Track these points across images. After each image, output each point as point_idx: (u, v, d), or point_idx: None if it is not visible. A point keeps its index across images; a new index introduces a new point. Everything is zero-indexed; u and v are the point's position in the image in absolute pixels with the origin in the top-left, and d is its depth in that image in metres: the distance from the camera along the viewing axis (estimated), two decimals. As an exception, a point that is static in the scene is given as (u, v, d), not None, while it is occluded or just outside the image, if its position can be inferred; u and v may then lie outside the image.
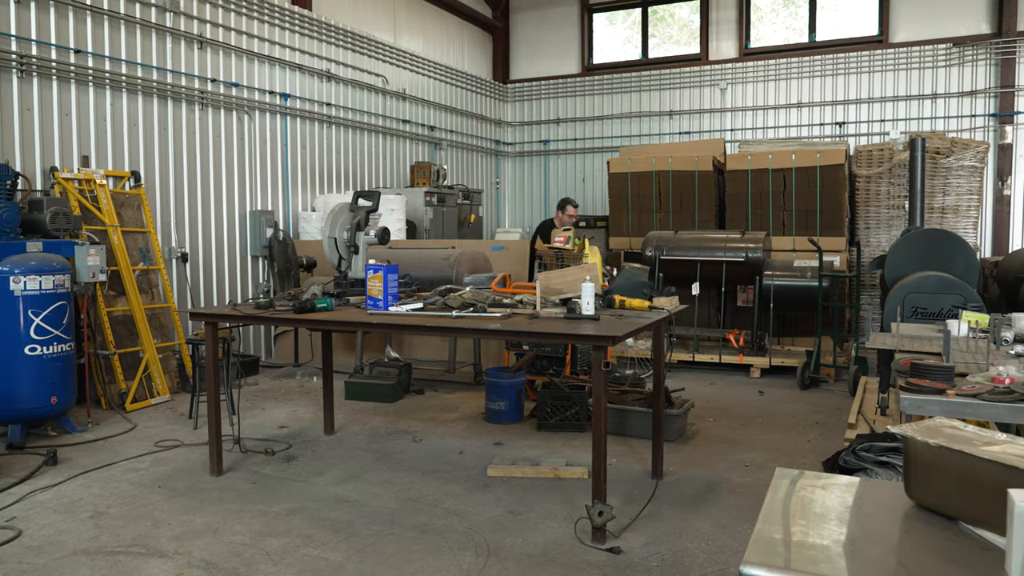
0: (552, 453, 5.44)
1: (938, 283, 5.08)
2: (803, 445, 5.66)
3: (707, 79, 12.84)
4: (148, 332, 7.05)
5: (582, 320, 4.24)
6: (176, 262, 7.93)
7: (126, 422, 6.27)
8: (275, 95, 9.25)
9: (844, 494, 2.03)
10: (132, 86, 7.52)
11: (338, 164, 10.34)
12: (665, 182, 9.79)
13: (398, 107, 11.58)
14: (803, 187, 9.04)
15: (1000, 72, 10.98)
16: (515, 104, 14.55)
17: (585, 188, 13.78)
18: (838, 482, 2.21)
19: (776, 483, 2.05)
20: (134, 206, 7.41)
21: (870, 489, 2.08)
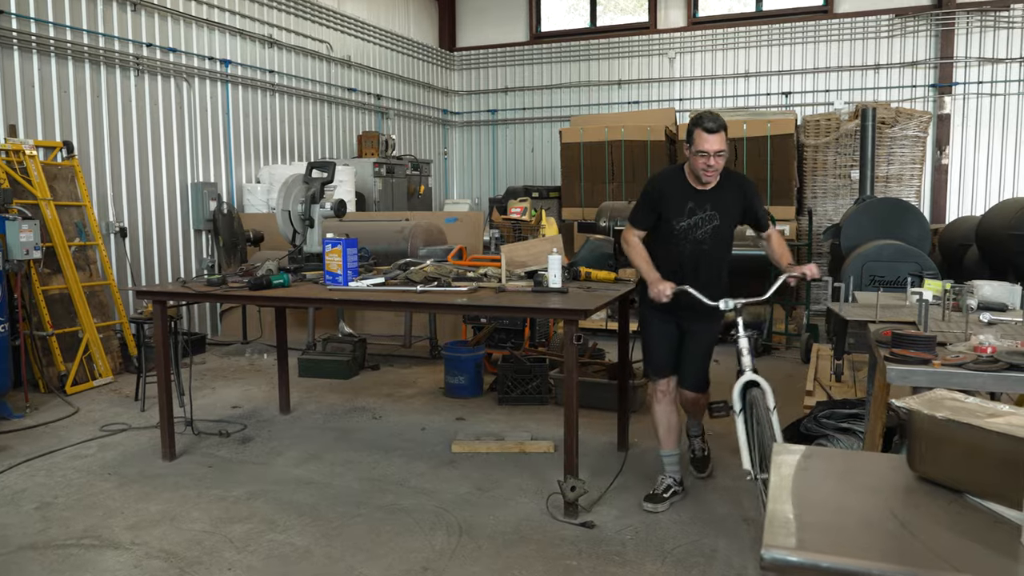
0: (516, 427, 5.38)
1: (895, 251, 5.15)
2: (762, 413, 5.71)
3: (656, 48, 12.80)
4: (87, 311, 6.71)
5: (550, 293, 4.16)
6: (115, 237, 7.56)
7: (67, 406, 5.97)
8: (215, 61, 8.84)
9: (847, 468, 2.00)
10: (62, 51, 7.07)
11: (283, 134, 9.99)
12: (617, 152, 9.74)
13: (344, 75, 11.23)
14: (754, 156, 9.10)
15: (940, 44, 11.22)
16: (462, 72, 14.28)
17: (535, 158, 13.66)
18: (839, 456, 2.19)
19: (777, 460, 2.00)
20: (68, 178, 7.01)
21: (872, 463, 2.06)
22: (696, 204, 3.83)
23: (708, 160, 3.67)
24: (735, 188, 3.87)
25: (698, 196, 3.83)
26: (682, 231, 3.86)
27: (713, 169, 3.70)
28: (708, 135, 3.63)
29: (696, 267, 3.90)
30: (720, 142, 3.64)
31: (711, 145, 3.64)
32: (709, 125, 3.63)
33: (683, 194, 3.84)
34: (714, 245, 3.89)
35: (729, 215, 3.87)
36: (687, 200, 3.83)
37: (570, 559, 3.46)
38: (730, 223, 3.91)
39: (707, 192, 3.82)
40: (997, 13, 10.93)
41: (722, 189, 3.83)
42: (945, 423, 1.80)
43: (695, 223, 3.84)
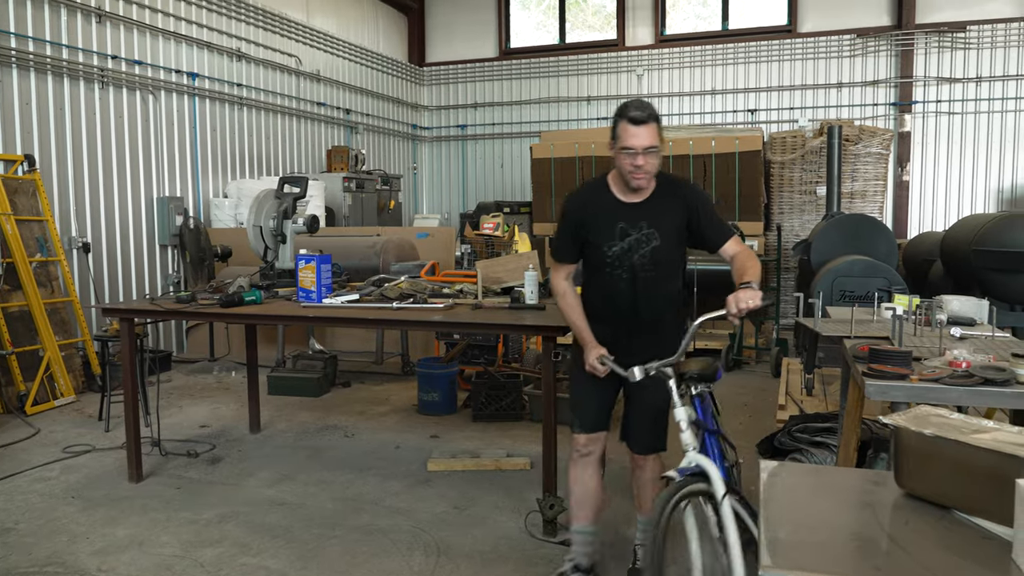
0: (490, 444, 5.34)
1: (865, 267, 5.23)
2: (735, 427, 5.75)
3: (624, 65, 12.92)
4: (49, 329, 6.53)
5: (527, 310, 4.15)
6: (77, 253, 7.38)
7: (28, 427, 5.79)
8: (182, 74, 8.72)
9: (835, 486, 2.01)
10: (23, 62, 6.91)
11: (251, 148, 9.88)
12: (588, 167, 9.79)
13: (312, 89, 11.16)
14: (723, 173, 9.21)
15: (900, 63, 11.48)
16: (432, 88, 14.28)
17: (504, 174, 13.68)
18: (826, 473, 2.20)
19: (766, 480, 2.00)
20: (29, 192, 6.84)
21: (858, 479, 2.07)
22: (628, 223, 3.03)
23: (635, 159, 2.88)
24: (674, 197, 3.05)
25: (630, 212, 3.03)
26: (615, 258, 3.07)
27: (643, 171, 2.91)
28: (634, 127, 2.86)
29: (635, 304, 3.08)
30: (650, 136, 2.87)
31: (638, 140, 2.85)
32: (635, 115, 2.86)
33: (611, 211, 3.05)
34: (657, 273, 3.05)
35: (670, 232, 3.04)
36: (617, 218, 3.04)
37: (550, 578, 3.43)
38: (674, 243, 3.07)
39: (640, 205, 3.03)
40: (954, 34, 11.24)
41: (659, 200, 3.04)
42: (932, 440, 1.81)
43: (629, 247, 3.04)
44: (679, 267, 3.19)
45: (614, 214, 3.05)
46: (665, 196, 3.05)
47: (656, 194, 3.05)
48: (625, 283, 3.09)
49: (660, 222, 3.03)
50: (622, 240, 3.05)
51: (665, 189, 3.06)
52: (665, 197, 3.05)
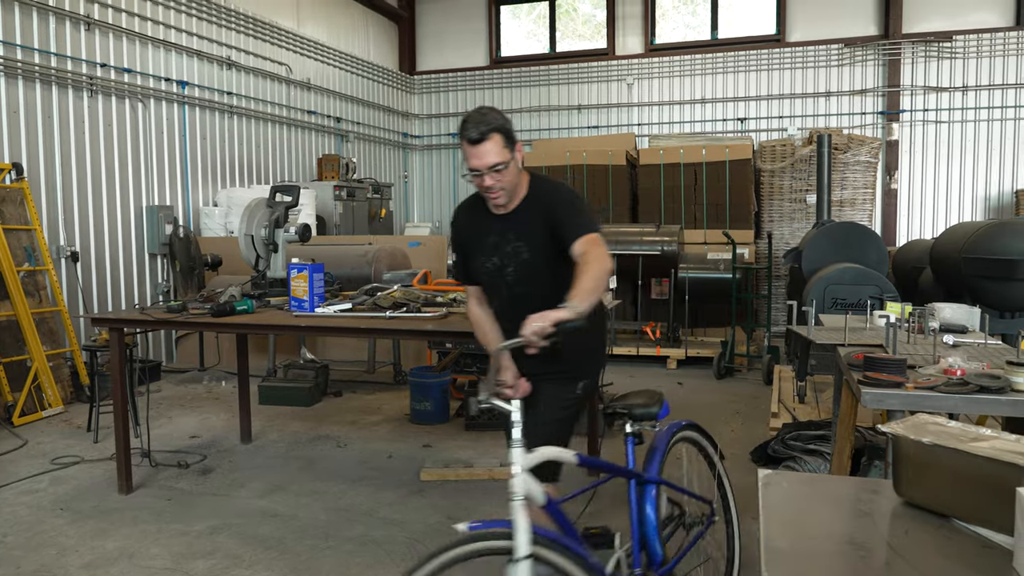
0: (484, 453, 5.32)
1: (856, 275, 5.25)
2: (728, 435, 5.76)
3: (614, 74, 12.97)
4: (36, 339, 6.47)
5: (521, 318, 4.13)
6: (66, 262, 7.32)
7: (15, 438, 5.73)
8: (172, 82, 8.69)
9: (832, 494, 2.01)
10: (11, 70, 6.87)
11: (241, 157, 9.85)
12: (579, 176, 9.81)
13: (303, 97, 11.14)
14: (713, 181, 9.25)
15: (887, 72, 11.58)
16: (423, 96, 14.29)
17: (495, 182, 13.67)
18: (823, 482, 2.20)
19: (763, 488, 2.00)
20: (16, 201, 6.79)
21: (855, 488, 2.07)
22: (499, 237, 2.78)
23: (482, 180, 2.62)
24: (538, 202, 2.73)
25: (499, 225, 2.77)
26: (490, 275, 2.84)
27: (497, 190, 2.65)
28: (473, 147, 2.58)
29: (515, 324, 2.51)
30: (495, 152, 2.57)
31: (480, 160, 2.58)
32: (471, 134, 2.56)
33: (484, 226, 2.81)
34: (532, 289, 2.71)
35: (539, 243, 2.71)
36: (488, 233, 2.80)
37: (546, 589, 3.40)
38: (548, 254, 2.70)
39: (509, 217, 2.75)
40: (941, 44, 11.34)
41: (527, 210, 2.74)
42: (931, 448, 1.81)
43: (501, 262, 2.78)
44: (562, 284, 2.57)
45: (487, 228, 2.81)
46: (532, 204, 2.74)
47: (524, 203, 2.75)
48: (503, 300, 2.85)
49: (527, 233, 2.73)
50: (493, 255, 2.80)
51: (533, 196, 2.75)
52: (532, 205, 2.74)
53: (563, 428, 2.78)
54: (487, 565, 2.32)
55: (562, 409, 2.79)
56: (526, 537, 2.17)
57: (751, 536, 3.85)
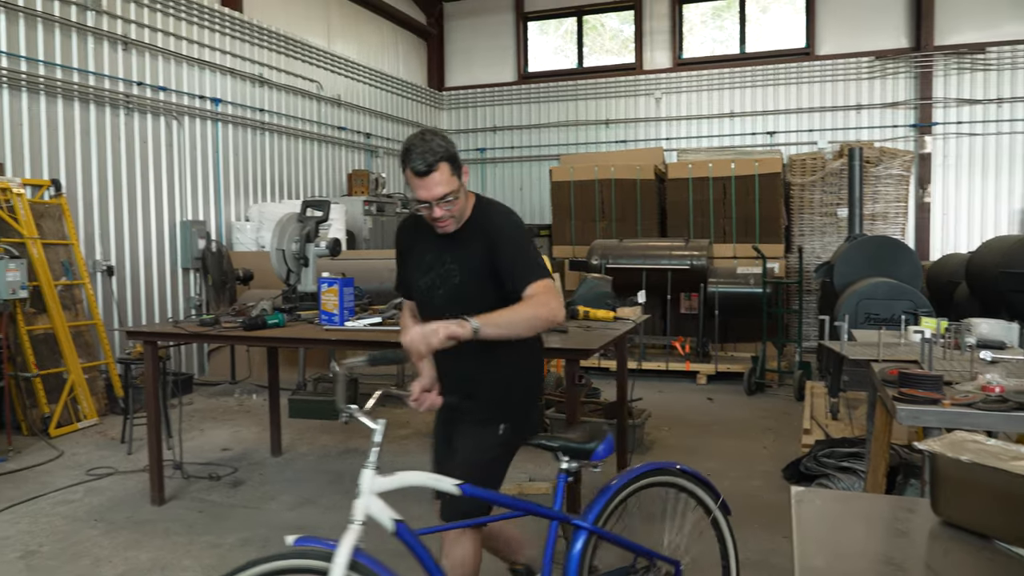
0: (512, 468, 5.27)
1: (890, 289, 5.18)
2: (759, 452, 5.69)
3: (642, 88, 12.98)
4: (73, 351, 6.59)
5: (550, 332, 4.13)
6: (102, 276, 7.47)
7: (52, 449, 5.83)
8: (205, 100, 8.85)
9: (868, 513, 1.97)
10: (51, 89, 7.05)
11: (272, 172, 9.99)
12: (608, 190, 9.81)
13: (333, 114, 11.28)
14: (743, 195, 9.19)
15: (919, 84, 11.45)
16: (451, 112, 14.40)
17: (523, 196, 13.72)
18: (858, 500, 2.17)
19: (796, 506, 1.97)
20: (55, 216, 6.94)
21: (891, 506, 2.03)
22: (434, 257, 2.65)
23: (432, 211, 2.50)
24: (480, 230, 2.58)
25: (437, 245, 2.64)
26: (421, 294, 2.72)
27: (446, 219, 2.53)
28: (419, 179, 2.45)
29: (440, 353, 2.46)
30: (443, 182, 2.45)
31: (428, 192, 2.46)
32: (418, 166, 2.43)
33: (423, 244, 2.68)
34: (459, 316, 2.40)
35: (474, 269, 2.57)
36: (426, 252, 2.68)
37: (575, 606, 3.37)
38: (476, 281, 2.57)
39: (447, 238, 2.61)
40: (973, 56, 11.19)
41: (467, 231, 2.60)
42: (970, 467, 1.78)
43: (432, 282, 2.66)
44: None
45: (425, 247, 2.68)
46: (474, 229, 2.59)
47: (466, 226, 2.60)
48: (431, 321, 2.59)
49: (463, 257, 2.59)
50: (427, 274, 2.67)
51: (477, 221, 2.60)
52: (474, 231, 2.58)
53: (488, 471, 2.57)
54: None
55: (481, 452, 2.60)
56: (344, 562, 2.11)
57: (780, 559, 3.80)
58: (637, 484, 2.65)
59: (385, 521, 2.29)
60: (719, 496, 2.73)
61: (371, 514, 2.26)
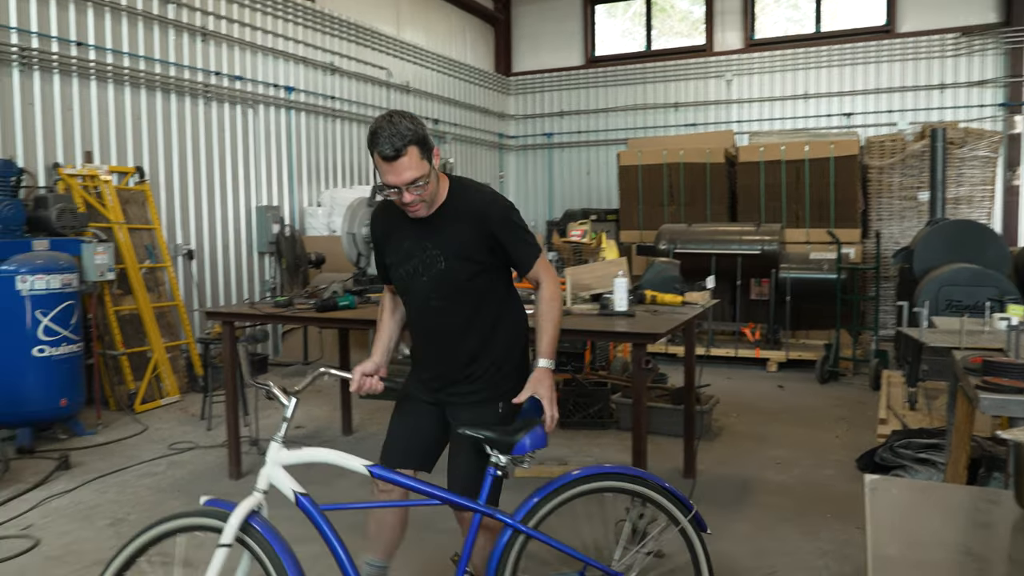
0: (578, 452, 5.32)
1: (972, 275, 4.98)
2: (831, 441, 5.56)
3: (712, 71, 12.71)
4: (156, 331, 6.88)
5: (616, 316, 4.12)
6: (182, 259, 7.76)
7: (137, 424, 6.11)
8: (279, 88, 9.07)
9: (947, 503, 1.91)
10: (135, 79, 7.34)
11: (343, 158, 10.18)
12: (676, 175, 9.67)
13: (402, 100, 11.41)
14: (817, 179, 8.94)
15: (1009, 61, 10.89)
16: (518, 97, 14.39)
17: (591, 181, 13.65)
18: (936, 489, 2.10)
19: (870, 494, 1.92)
20: (139, 202, 7.24)
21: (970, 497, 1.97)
22: (414, 243, 2.59)
23: (401, 196, 2.43)
24: (470, 215, 2.53)
25: (417, 230, 2.57)
26: (404, 283, 2.67)
27: (417, 204, 2.46)
28: (387, 164, 2.37)
29: (427, 338, 2.64)
30: (412, 166, 2.36)
31: (397, 177, 2.38)
32: (385, 150, 2.34)
33: (402, 228, 2.61)
34: (447, 303, 2.56)
35: (459, 255, 2.54)
36: (405, 236, 2.61)
37: (640, 589, 3.37)
38: (467, 267, 2.55)
39: (426, 223, 2.54)
40: (1070, 30, 10.58)
41: (447, 215, 2.54)
42: (1058, 457, 1.71)
43: (415, 270, 2.60)
44: (484, 299, 2.58)
45: (403, 232, 2.61)
46: (455, 212, 2.53)
47: (444, 210, 2.53)
48: (419, 310, 2.66)
49: (446, 243, 2.53)
50: (408, 262, 2.61)
51: (456, 204, 2.54)
52: (455, 213, 2.53)
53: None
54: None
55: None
56: (236, 525, 2.27)
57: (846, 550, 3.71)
58: (584, 487, 2.50)
59: (287, 492, 2.41)
60: (692, 509, 2.50)
61: (274, 484, 2.40)
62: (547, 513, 2.44)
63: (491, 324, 2.60)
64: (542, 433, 2.43)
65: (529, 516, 2.43)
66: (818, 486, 4.63)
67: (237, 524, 2.29)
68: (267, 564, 2.31)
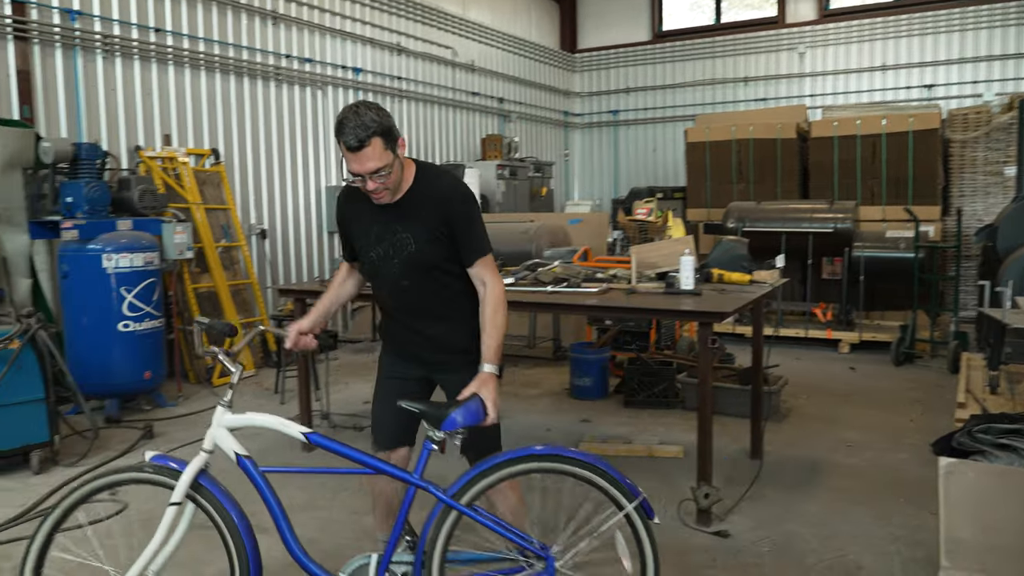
0: (642, 431, 5.30)
1: (1062, 254, 4.74)
2: (905, 424, 5.40)
3: (784, 43, 12.34)
4: (232, 308, 7.13)
5: (683, 295, 4.08)
6: (256, 238, 8.00)
7: (214, 396, 6.36)
8: (347, 70, 9.21)
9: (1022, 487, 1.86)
10: (210, 64, 7.56)
11: (409, 138, 10.29)
12: (745, 151, 9.45)
13: (467, 79, 11.44)
14: (894, 154, 8.61)
15: (1108, 27, 10.25)
16: (584, 74, 14.26)
17: (657, 158, 13.46)
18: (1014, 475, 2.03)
19: (945, 477, 1.88)
20: (215, 183, 7.48)
21: (1054, 482, 1.90)
22: (383, 227, 2.68)
23: (365, 184, 2.52)
24: (433, 200, 2.64)
25: (386, 214, 2.65)
26: (374, 266, 2.75)
27: (381, 191, 2.55)
28: (352, 154, 2.46)
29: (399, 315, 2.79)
30: (376, 156, 2.46)
31: (360, 165, 2.47)
32: (350, 141, 2.43)
33: (370, 213, 2.68)
34: (417, 282, 2.68)
35: (425, 238, 2.63)
36: (373, 223, 2.69)
37: (705, 568, 3.37)
38: (436, 248, 2.64)
39: (393, 208, 2.64)
40: None
41: (415, 199, 2.64)
42: None
43: (385, 253, 2.69)
44: (453, 271, 2.67)
45: (371, 217, 2.68)
46: (420, 197, 2.64)
47: (411, 194, 2.64)
48: (392, 292, 2.76)
49: (414, 226, 2.63)
50: (377, 245, 2.70)
51: (421, 189, 2.64)
52: (420, 198, 2.64)
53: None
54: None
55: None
56: (186, 483, 2.45)
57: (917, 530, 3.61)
58: (520, 467, 2.43)
59: (229, 453, 2.56)
60: (639, 494, 2.36)
61: (218, 445, 2.56)
62: (480, 491, 2.43)
63: (459, 293, 2.71)
64: (476, 409, 2.45)
65: (461, 493, 2.43)
66: (891, 470, 4.52)
67: (188, 483, 2.46)
68: (218, 520, 2.50)
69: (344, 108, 2.52)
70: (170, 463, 2.51)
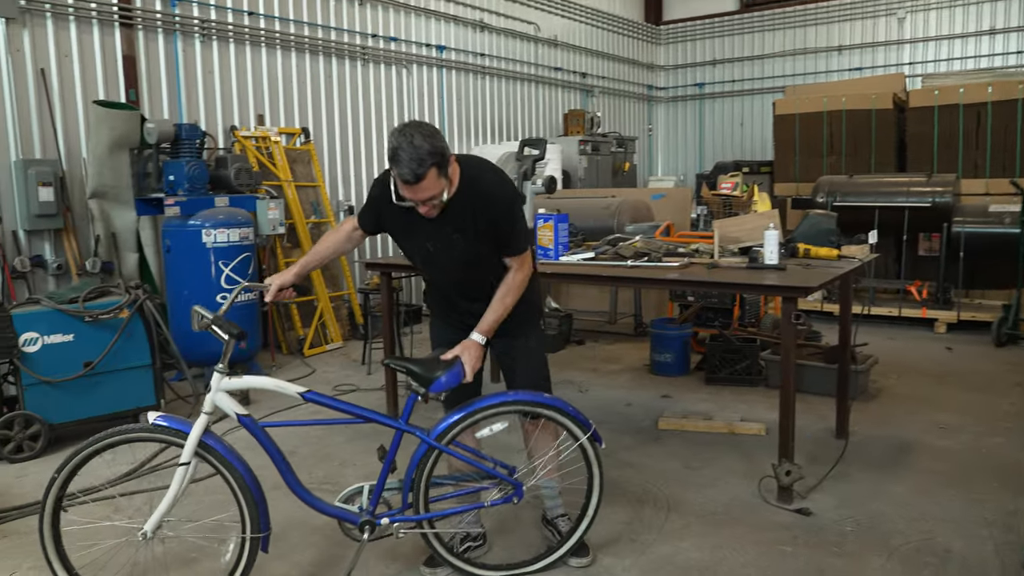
0: (723, 408, 5.25)
1: None
2: (1004, 408, 5.17)
3: (882, 8, 11.79)
4: (322, 282, 7.38)
5: (766, 270, 4.01)
6: (343, 215, 8.24)
7: (305, 367, 6.63)
8: (431, 48, 9.32)
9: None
10: (300, 45, 7.78)
11: (492, 115, 10.35)
12: (837, 123, 9.12)
13: (550, 55, 11.40)
14: (1000, 124, 8.15)
15: None
16: (668, 47, 13.98)
17: (744, 132, 13.13)
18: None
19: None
20: (304, 161, 7.73)
21: None
22: (432, 225, 2.84)
23: (419, 207, 2.72)
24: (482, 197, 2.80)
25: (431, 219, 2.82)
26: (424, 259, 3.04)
27: (431, 208, 2.73)
28: (408, 187, 2.61)
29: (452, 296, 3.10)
30: (431, 187, 2.61)
31: (416, 195, 2.64)
32: (406, 175, 2.55)
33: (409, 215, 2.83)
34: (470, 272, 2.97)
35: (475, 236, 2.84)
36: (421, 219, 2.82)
37: (784, 545, 3.35)
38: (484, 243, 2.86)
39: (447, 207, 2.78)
40: None
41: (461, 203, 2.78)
42: None
43: (434, 248, 2.93)
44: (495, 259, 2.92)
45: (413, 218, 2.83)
46: (467, 199, 2.78)
47: (459, 196, 2.77)
48: (443, 283, 3.12)
49: (462, 227, 2.83)
50: (427, 241, 2.93)
51: (467, 191, 2.78)
52: (467, 200, 2.78)
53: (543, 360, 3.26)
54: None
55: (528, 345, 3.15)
56: (193, 444, 2.65)
57: None
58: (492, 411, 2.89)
59: (231, 413, 2.76)
60: (590, 427, 2.97)
61: (219, 406, 2.76)
62: (458, 433, 2.89)
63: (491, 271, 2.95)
64: (458, 371, 2.83)
65: (442, 436, 2.87)
66: (986, 454, 4.35)
67: (194, 444, 2.66)
68: (225, 473, 2.72)
69: (396, 132, 2.59)
70: (176, 425, 2.72)
